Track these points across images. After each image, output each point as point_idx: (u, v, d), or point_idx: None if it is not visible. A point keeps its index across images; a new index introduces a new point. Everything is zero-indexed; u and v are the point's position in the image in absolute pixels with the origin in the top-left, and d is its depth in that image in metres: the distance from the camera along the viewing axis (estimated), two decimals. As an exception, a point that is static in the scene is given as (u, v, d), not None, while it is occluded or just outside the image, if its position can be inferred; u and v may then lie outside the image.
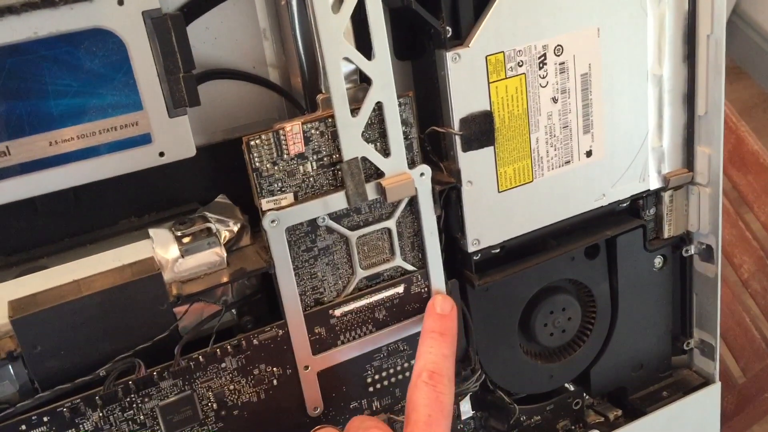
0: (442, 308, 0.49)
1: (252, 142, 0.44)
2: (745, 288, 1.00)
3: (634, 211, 0.58)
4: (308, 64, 0.49)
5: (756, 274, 0.97)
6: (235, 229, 0.48)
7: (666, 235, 0.59)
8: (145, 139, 0.42)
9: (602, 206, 0.56)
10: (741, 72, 2.16)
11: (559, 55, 0.50)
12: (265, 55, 0.49)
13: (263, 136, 0.45)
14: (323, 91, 0.46)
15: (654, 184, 0.57)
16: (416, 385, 0.45)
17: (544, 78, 0.50)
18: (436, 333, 0.47)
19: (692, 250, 0.60)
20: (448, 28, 0.47)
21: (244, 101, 0.50)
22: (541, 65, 0.50)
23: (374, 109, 0.46)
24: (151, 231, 0.47)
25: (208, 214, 0.48)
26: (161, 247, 0.46)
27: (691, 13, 0.53)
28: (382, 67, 0.45)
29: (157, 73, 0.41)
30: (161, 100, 0.42)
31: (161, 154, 0.43)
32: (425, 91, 0.51)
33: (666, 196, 0.58)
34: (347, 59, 0.45)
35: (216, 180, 0.50)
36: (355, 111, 0.46)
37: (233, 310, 0.50)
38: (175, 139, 0.43)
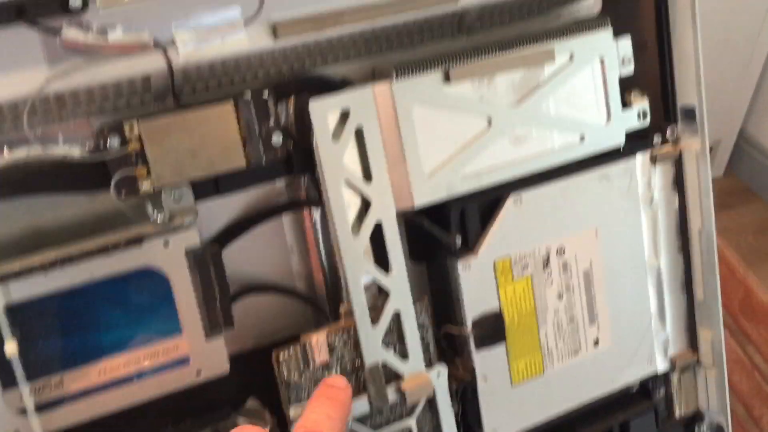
0: (334, 381, 0.46)
1: (281, 357, 0.48)
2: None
3: (645, 392, 0.61)
4: (331, 275, 0.53)
5: (776, 428, 0.98)
6: (265, 432, 0.51)
7: (677, 414, 0.61)
8: (183, 361, 0.46)
9: (613, 392, 0.58)
10: (752, 194, 2.21)
11: (561, 256, 0.55)
12: (292, 267, 0.54)
13: (291, 350, 0.48)
14: (344, 302, 0.51)
15: (661, 366, 0.60)
16: None
17: (549, 277, 0.54)
18: (323, 397, 0.44)
19: (704, 428, 0.62)
20: (458, 240, 0.52)
21: (273, 310, 0.54)
22: (545, 266, 0.54)
23: (392, 317, 0.50)
24: (189, 443, 0.50)
25: (241, 420, 0.51)
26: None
27: (682, 209, 0.58)
28: (398, 281, 0.50)
29: (196, 302, 0.46)
30: (199, 325, 0.46)
31: (198, 373, 0.47)
32: (439, 290, 0.55)
33: (674, 377, 0.60)
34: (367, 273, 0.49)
35: (246, 385, 0.53)
36: (374, 320, 0.50)
37: None
38: (210, 358, 0.47)
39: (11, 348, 0.42)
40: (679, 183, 0.57)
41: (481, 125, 0.50)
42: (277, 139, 0.46)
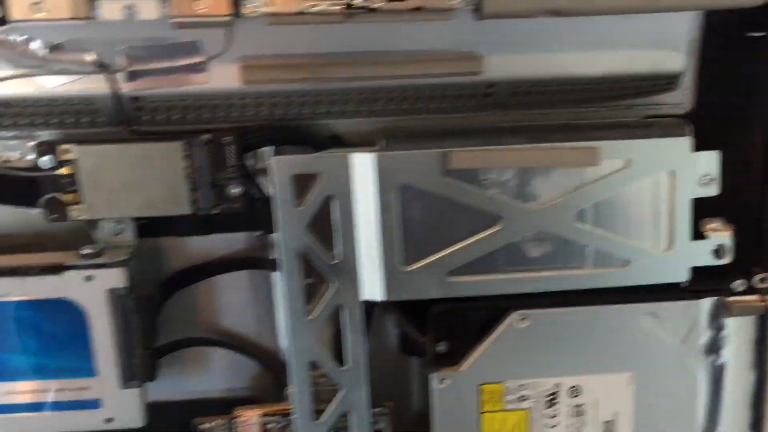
0: None
1: (202, 425, 0.43)
2: None
3: None
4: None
5: None
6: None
7: None
8: (94, 404, 0.43)
9: None
10: None
11: (574, 397, 0.43)
12: (249, 323, 0.48)
13: (215, 421, 0.43)
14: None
15: None
16: None
17: (553, 418, 0.44)
18: None
19: None
20: (441, 347, 0.42)
21: (231, 364, 0.48)
22: (550, 404, 0.43)
23: (338, 416, 0.43)
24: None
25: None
26: None
27: (761, 377, 0.43)
28: (354, 377, 0.42)
29: (114, 347, 0.42)
30: (114, 372, 0.42)
31: (108, 420, 0.43)
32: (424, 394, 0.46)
33: None
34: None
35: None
36: (318, 413, 0.43)
37: None
38: (124, 408, 0.43)
39: None
40: (759, 344, 0.43)
41: (488, 222, 0.40)
42: (234, 189, 0.40)
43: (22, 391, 0.42)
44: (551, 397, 0.44)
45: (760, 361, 0.43)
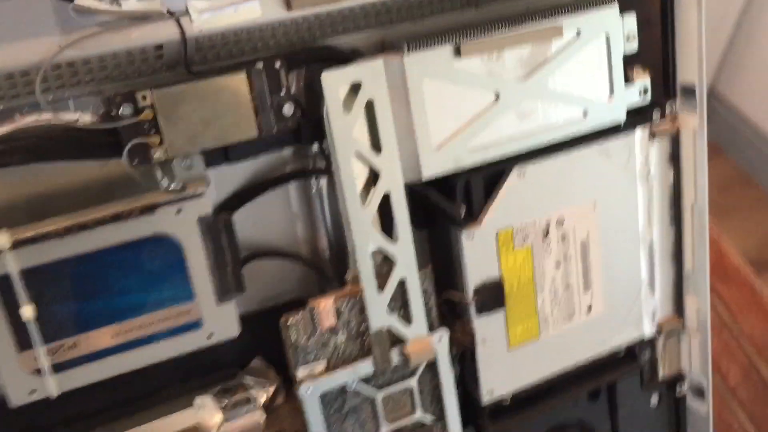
0: None
1: (289, 321, 0.49)
2: (733, 395, 1.05)
3: (631, 354, 0.63)
4: (335, 242, 0.54)
5: (743, 383, 1.02)
6: (271, 390, 0.53)
7: (661, 375, 0.64)
8: (196, 325, 0.47)
9: (603, 354, 0.61)
10: (720, 149, 2.24)
11: (560, 227, 0.56)
12: (297, 233, 0.54)
13: (299, 314, 0.50)
14: (351, 268, 0.52)
15: (648, 331, 0.62)
16: None
17: (547, 247, 0.56)
18: None
19: (685, 388, 0.65)
20: (462, 210, 0.53)
21: (277, 274, 0.55)
22: (545, 236, 0.56)
23: (397, 284, 0.52)
24: (197, 400, 0.51)
25: (247, 379, 0.53)
26: (207, 414, 0.50)
27: (676, 184, 0.59)
28: (405, 249, 0.51)
29: (209, 268, 0.47)
30: (211, 291, 0.47)
31: (209, 336, 0.48)
32: (441, 258, 0.56)
33: (659, 341, 0.63)
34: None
35: (252, 344, 0.55)
36: (380, 287, 0.51)
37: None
38: (222, 322, 0.48)
39: (28, 312, 0.42)
40: (675, 158, 0.59)
41: (489, 99, 0.51)
42: (288, 108, 0.47)
43: (130, 329, 0.46)
44: (545, 231, 0.56)
45: (676, 169, 0.59)
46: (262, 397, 0.53)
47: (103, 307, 0.45)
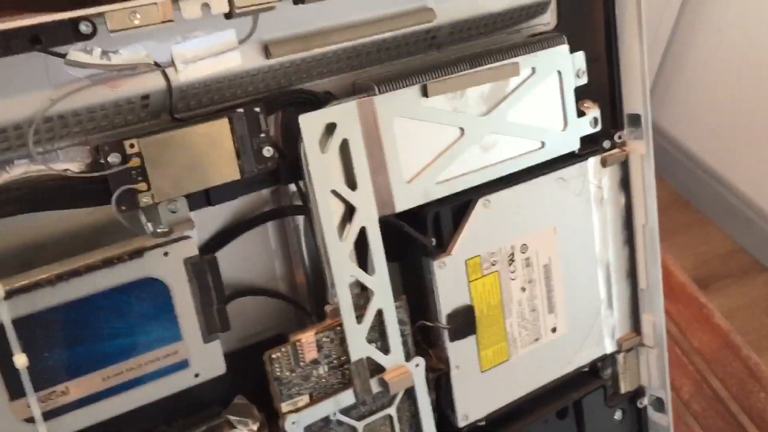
0: None
1: (273, 356, 0.51)
2: (687, 409, 1.10)
3: (594, 371, 0.66)
4: (313, 277, 0.56)
5: (695, 396, 1.07)
6: (255, 427, 0.54)
7: (623, 390, 0.67)
8: (183, 365, 0.48)
9: (568, 372, 0.64)
10: (660, 175, 2.34)
11: (524, 253, 0.59)
12: (275, 270, 0.56)
13: (283, 349, 0.51)
14: (330, 302, 0.53)
15: (609, 348, 0.65)
16: None
17: (513, 272, 0.59)
18: None
19: (646, 401, 0.68)
20: (433, 240, 0.55)
21: (254, 311, 0.56)
22: (510, 262, 0.59)
23: (375, 315, 0.54)
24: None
25: (231, 418, 0.54)
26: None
27: (628, 206, 0.63)
28: (381, 281, 0.53)
29: (195, 308, 0.48)
30: (197, 330, 0.48)
31: (196, 375, 0.49)
32: (413, 287, 0.58)
33: (620, 357, 0.66)
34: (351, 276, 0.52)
35: (234, 382, 0.55)
36: (359, 318, 0.53)
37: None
38: (208, 361, 0.49)
39: (21, 360, 0.43)
40: (625, 183, 0.63)
41: (455, 134, 0.54)
42: (267, 150, 0.49)
43: (120, 372, 0.46)
44: (510, 257, 0.59)
45: (626, 193, 0.63)
46: (247, 434, 0.54)
47: (93, 352, 0.45)
